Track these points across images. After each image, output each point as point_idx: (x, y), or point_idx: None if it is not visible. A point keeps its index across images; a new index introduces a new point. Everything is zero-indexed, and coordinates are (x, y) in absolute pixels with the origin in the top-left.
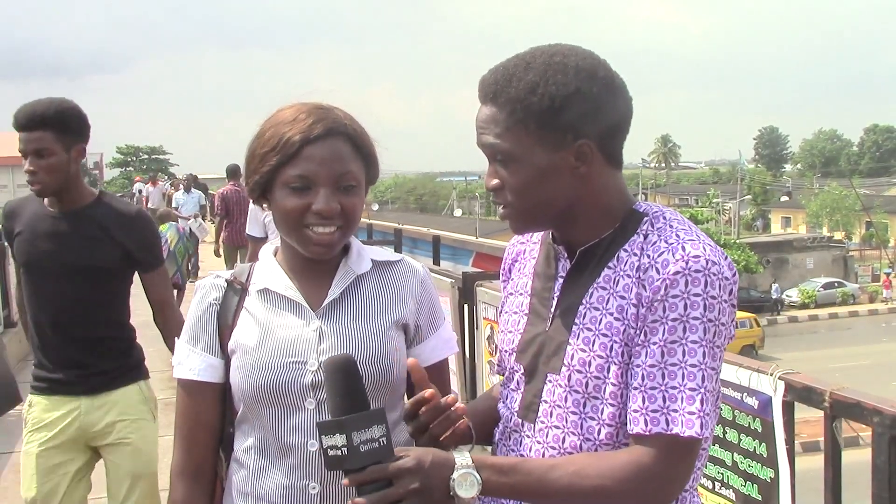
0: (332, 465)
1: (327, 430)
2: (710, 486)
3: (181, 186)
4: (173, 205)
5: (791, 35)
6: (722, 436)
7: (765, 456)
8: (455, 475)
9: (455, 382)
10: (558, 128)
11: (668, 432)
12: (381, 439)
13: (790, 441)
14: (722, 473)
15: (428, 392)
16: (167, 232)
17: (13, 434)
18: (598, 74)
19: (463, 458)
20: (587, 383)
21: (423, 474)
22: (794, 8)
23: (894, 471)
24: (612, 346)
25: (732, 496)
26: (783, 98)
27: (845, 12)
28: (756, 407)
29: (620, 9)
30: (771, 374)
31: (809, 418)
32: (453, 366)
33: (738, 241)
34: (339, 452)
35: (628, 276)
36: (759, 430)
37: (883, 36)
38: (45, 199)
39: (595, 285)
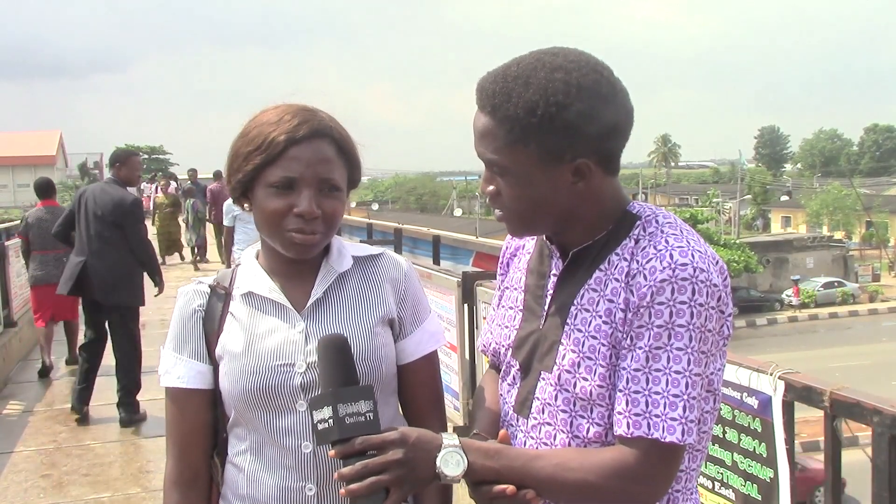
0: (320, 440)
1: (317, 404)
2: (710, 486)
3: None
4: None
5: (791, 35)
6: (722, 436)
7: (764, 456)
8: (441, 453)
9: (456, 382)
10: (557, 148)
11: (649, 436)
12: (367, 414)
13: (790, 441)
14: (722, 473)
15: (509, 489)
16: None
17: (13, 434)
18: (600, 91)
19: (451, 438)
20: (575, 383)
21: (408, 447)
22: (795, 8)
23: (894, 471)
24: (599, 349)
25: (732, 496)
26: (783, 98)
27: (845, 12)
28: (756, 407)
29: (620, 9)
30: (771, 374)
31: (809, 418)
32: (455, 365)
33: (738, 241)
34: (326, 425)
35: (616, 280)
36: (759, 430)
37: (883, 35)
38: None
39: (586, 286)
